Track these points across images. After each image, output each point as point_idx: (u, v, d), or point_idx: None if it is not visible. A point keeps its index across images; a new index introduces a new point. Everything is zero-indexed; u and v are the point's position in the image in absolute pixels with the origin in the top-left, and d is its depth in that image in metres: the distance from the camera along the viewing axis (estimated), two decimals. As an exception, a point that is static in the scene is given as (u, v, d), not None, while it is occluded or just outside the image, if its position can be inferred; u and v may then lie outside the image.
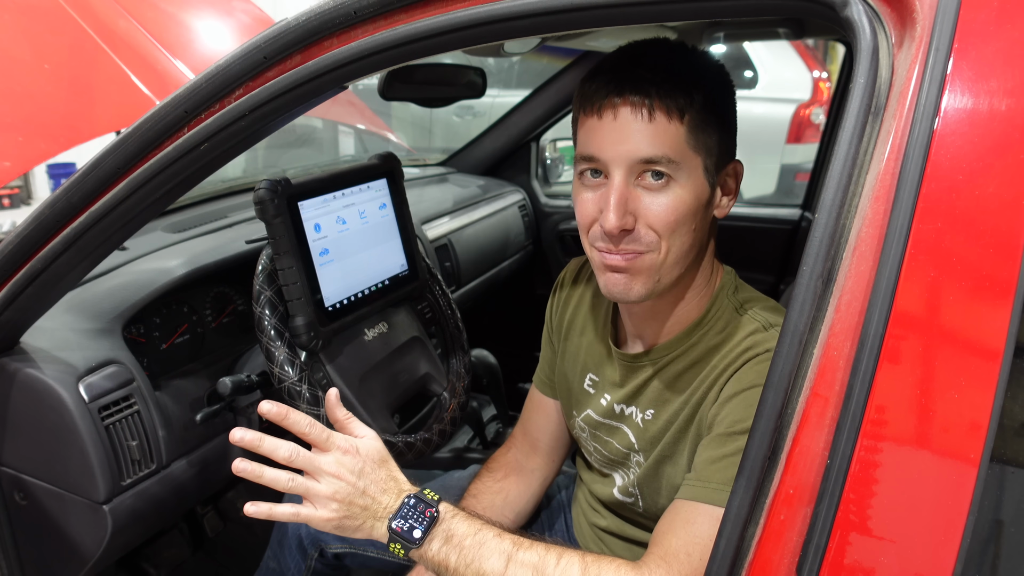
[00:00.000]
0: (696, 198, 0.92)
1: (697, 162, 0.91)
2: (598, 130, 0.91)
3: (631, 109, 0.88)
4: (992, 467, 0.60)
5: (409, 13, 0.83)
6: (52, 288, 1.10)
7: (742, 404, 0.91)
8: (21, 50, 1.84)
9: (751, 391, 0.91)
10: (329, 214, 1.31)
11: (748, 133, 1.01)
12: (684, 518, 0.91)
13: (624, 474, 1.13)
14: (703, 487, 0.91)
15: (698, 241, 0.96)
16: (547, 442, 1.30)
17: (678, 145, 0.89)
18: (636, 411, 1.08)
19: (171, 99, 0.95)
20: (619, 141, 0.89)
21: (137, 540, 1.34)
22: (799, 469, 0.65)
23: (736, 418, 0.91)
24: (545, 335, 1.29)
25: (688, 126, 0.89)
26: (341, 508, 0.89)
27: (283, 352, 1.19)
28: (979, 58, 0.63)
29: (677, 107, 0.88)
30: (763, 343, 0.94)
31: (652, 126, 0.88)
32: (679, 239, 0.92)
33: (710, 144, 0.92)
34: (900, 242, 0.62)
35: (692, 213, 0.92)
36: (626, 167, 0.90)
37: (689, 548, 0.88)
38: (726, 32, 1.87)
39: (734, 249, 2.62)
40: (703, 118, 0.90)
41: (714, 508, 0.89)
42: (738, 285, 1.04)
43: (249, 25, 2.33)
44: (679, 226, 0.91)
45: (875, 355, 0.62)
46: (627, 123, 0.89)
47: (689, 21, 1.18)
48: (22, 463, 1.20)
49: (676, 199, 0.90)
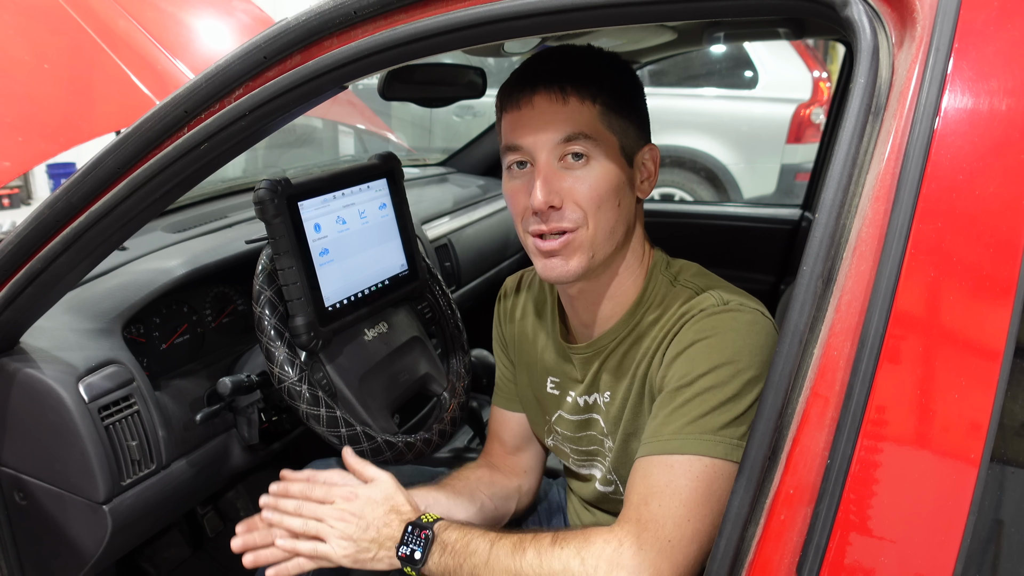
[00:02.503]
0: (616, 175, 0.99)
1: (612, 141, 0.99)
2: (519, 121, 0.98)
3: (547, 97, 0.97)
4: (992, 467, 0.60)
5: (409, 13, 0.83)
6: (52, 288, 1.10)
7: (685, 361, 0.95)
8: (21, 50, 1.84)
9: (691, 347, 0.95)
10: (329, 214, 1.31)
11: (748, 133, 1.01)
12: (641, 473, 0.94)
13: (601, 464, 1.15)
14: (655, 441, 0.94)
15: (624, 218, 1.01)
16: (519, 457, 1.30)
17: (593, 124, 0.97)
18: (598, 397, 1.11)
19: (171, 99, 0.95)
20: (540, 127, 0.97)
21: (137, 540, 1.34)
22: (799, 469, 0.65)
23: (681, 374, 0.95)
24: (498, 351, 1.32)
25: (600, 108, 0.97)
26: (351, 545, 1.00)
27: (283, 352, 1.19)
28: (979, 58, 0.63)
29: (589, 92, 0.97)
30: (697, 305, 0.99)
31: (567, 108, 0.96)
32: (604, 214, 0.98)
33: (624, 126, 1.00)
34: (900, 242, 0.62)
35: (614, 189, 0.98)
36: (548, 149, 0.97)
37: (647, 497, 0.90)
38: (726, 32, 1.87)
39: (734, 249, 2.66)
40: (614, 101, 0.99)
41: (667, 457, 0.91)
42: (669, 261, 1.10)
43: (249, 25, 2.33)
44: (603, 202, 0.98)
45: (875, 355, 0.62)
46: (545, 110, 0.97)
47: (689, 21, 1.18)
48: (22, 463, 1.20)
49: (597, 176, 0.97)
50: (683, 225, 2.73)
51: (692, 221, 2.76)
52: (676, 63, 5.18)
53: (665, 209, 3.26)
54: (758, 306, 0.99)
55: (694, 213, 2.90)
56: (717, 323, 0.95)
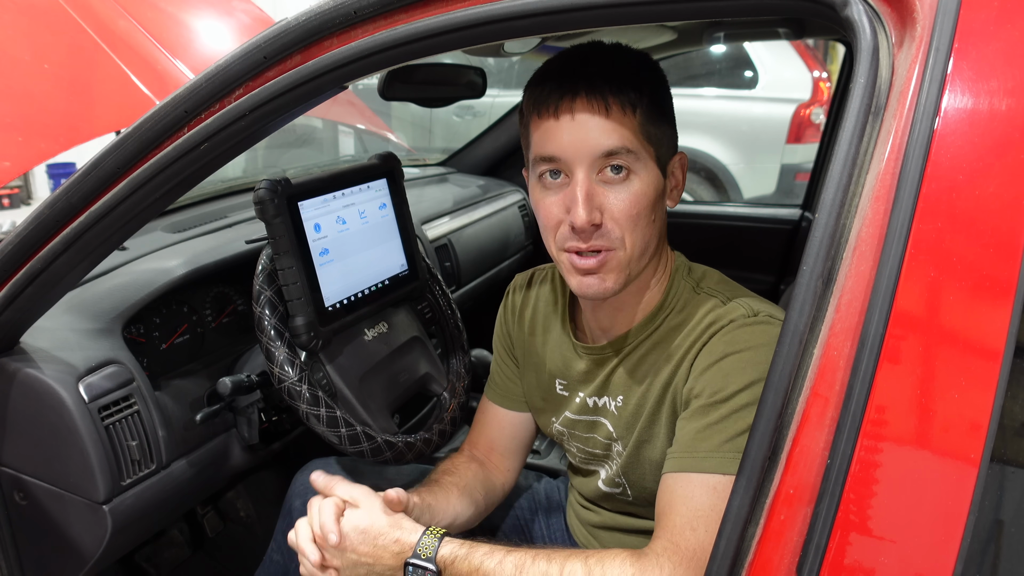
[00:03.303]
0: (654, 189, 0.96)
1: (651, 153, 0.96)
2: (556, 130, 0.94)
3: (588, 107, 0.92)
4: (992, 467, 0.60)
5: (409, 13, 0.83)
6: (52, 288, 1.09)
7: (718, 374, 0.94)
8: (21, 50, 1.84)
9: (724, 361, 0.94)
10: (329, 214, 1.31)
11: (748, 133, 1.00)
12: (681, 494, 0.92)
13: (608, 466, 1.14)
14: (691, 457, 0.92)
15: (657, 231, 1.00)
16: (508, 458, 1.29)
17: (634, 137, 0.93)
18: (609, 400, 1.10)
19: (171, 99, 0.95)
20: (580, 138, 0.93)
21: (137, 540, 1.35)
22: (799, 469, 0.65)
23: (715, 388, 0.93)
24: (500, 349, 1.30)
25: (640, 119, 0.94)
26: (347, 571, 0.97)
27: (283, 352, 1.19)
28: (979, 58, 0.63)
29: (630, 101, 0.93)
30: (726, 315, 0.97)
31: (609, 121, 0.92)
32: (640, 231, 0.96)
33: (660, 135, 0.97)
34: (900, 242, 0.62)
35: (651, 204, 0.96)
36: (588, 163, 0.93)
37: (693, 523, 0.89)
38: (726, 32, 1.88)
39: (734, 249, 2.66)
40: (653, 111, 0.95)
41: (706, 476, 0.90)
42: (691, 266, 1.09)
43: (249, 25, 2.33)
44: (640, 218, 0.95)
45: (875, 355, 0.62)
46: (586, 120, 0.92)
47: (689, 21, 1.18)
48: (22, 463, 1.20)
49: (637, 191, 0.94)
50: (683, 225, 2.72)
51: (692, 221, 2.76)
52: (676, 63, 5.17)
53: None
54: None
55: (694, 213, 2.90)
56: (749, 336, 0.94)
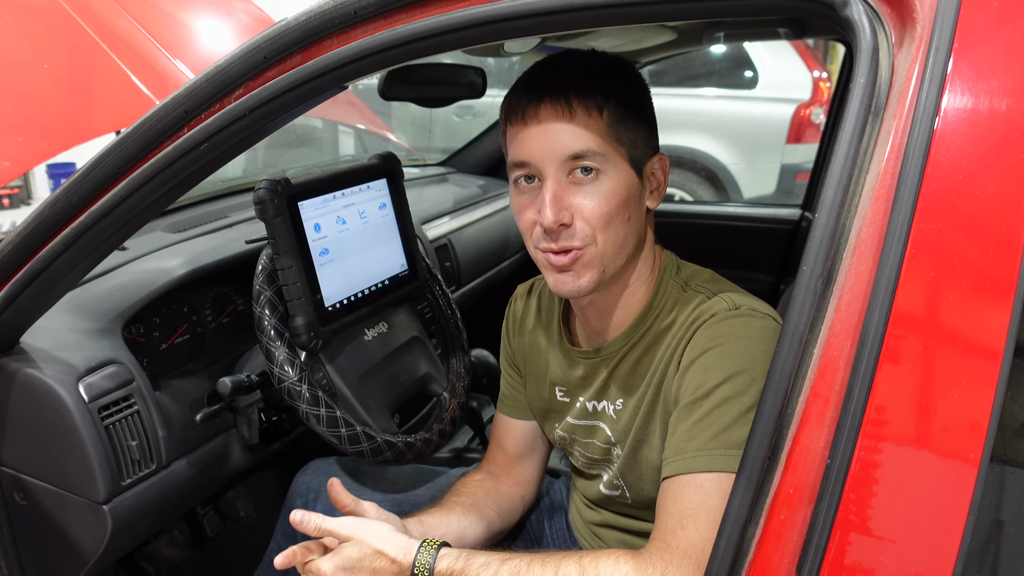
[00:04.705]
0: (626, 189, 0.97)
1: (622, 153, 0.97)
2: (525, 136, 0.96)
3: (553, 111, 0.94)
4: (992, 467, 0.60)
5: (409, 13, 0.83)
6: (52, 288, 1.09)
7: (699, 370, 0.94)
8: (21, 50, 1.84)
9: (704, 356, 0.95)
10: (329, 214, 1.31)
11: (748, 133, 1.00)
12: (672, 495, 0.92)
13: (608, 469, 1.14)
14: (681, 459, 0.93)
15: (634, 231, 1.00)
16: (523, 466, 1.30)
17: (601, 138, 0.95)
18: (607, 404, 1.11)
19: (171, 99, 0.95)
20: (547, 142, 0.95)
21: (137, 540, 1.35)
22: (799, 469, 0.65)
23: (696, 384, 0.94)
24: (505, 360, 1.31)
25: (608, 120, 0.95)
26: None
27: (283, 352, 1.19)
28: (979, 58, 0.63)
29: (595, 104, 0.94)
30: (708, 310, 0.98)
31: (574, 124, 0.94)
32: (612, 230, 0.97)
33: (632, 137, 0.98)
34: (900, 242, 0.62)
35: (623, 203, 0.97)
36: (556, 165, 0.95)
37: (682, 520, 0.89)
38: (726, 32, 1.87)
39: (734, 249, 2.66)
40: (621, 113, 0.96)
41: (695, 475, 0.90)
42: (680, 264, 1.09)
43: (249, 25, 2.33)
44: (612, 218, 0.96)
45: (875, 355, 0.62)
46: (551, 124, 0.94)
47: (689, 21, 1.18)
48: (22, 463, 1.20)
49: (606, 191, 0.95)
50: (683, 225, 2.73)
51: (692, 221, 2.76)
52: (676, 63, 5.18)
53: (665, 209, 3.25)
54: (770, 311, 0.98)
55: (694, 213, 2.90)
56: (729, 329, 0.94)
